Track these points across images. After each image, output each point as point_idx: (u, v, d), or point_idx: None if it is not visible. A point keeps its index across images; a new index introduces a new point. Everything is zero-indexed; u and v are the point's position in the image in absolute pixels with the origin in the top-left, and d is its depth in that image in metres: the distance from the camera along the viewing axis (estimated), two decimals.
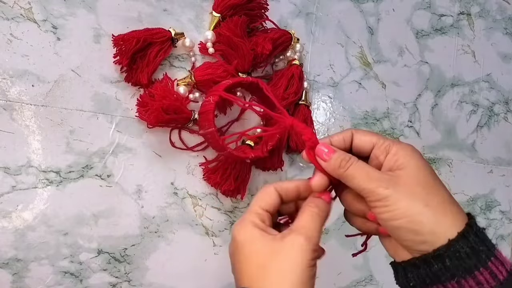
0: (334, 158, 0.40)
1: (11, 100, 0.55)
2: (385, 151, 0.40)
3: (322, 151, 0.41)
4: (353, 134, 0.43)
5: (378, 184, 0.37)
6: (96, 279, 0.60)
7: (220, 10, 0.63)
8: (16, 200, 0.56)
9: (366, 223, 0.43)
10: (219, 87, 0.58)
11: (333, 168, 0.40)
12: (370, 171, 0.39)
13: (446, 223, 0.37)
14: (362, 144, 0.42)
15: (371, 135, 0.42)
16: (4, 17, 0.55)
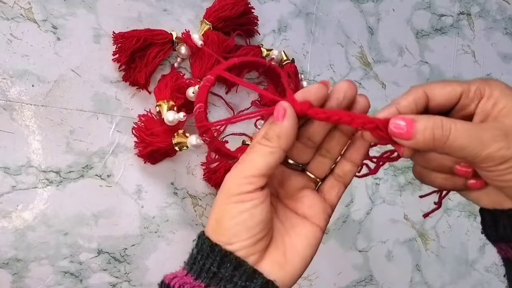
0: (421, 131, 0.30)
1: (11, 100, 0.55)
2: (477, 97, 0.33)
3: (399, 127, 0.30)
4: (426, 93, 0.33)
5: (498, 146, 0.30)
6: (96, 279, 0.60)
7: (211, 20, 0.63)
8: (16, 200, 0.56)
9: (451, 179, 0.36)
10: (223, 65, 0.56)
11: (425, 144, 0.30)
12: (479, 132, 0.30)
13: None
14: (444, 100, 0.33)
15: (453, 84, 0.33)
16: (4, 17, 0.55)
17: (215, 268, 0.32)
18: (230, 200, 0.32)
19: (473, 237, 0.88)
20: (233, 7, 0.62)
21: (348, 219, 0.76)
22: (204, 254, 0.33)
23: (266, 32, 0.69)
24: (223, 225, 0.32)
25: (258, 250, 0.33)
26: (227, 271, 0.32)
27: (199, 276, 0.33)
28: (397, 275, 0.80)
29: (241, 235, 0.32)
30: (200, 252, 0.33)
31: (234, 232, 0.32)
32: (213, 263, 0.32)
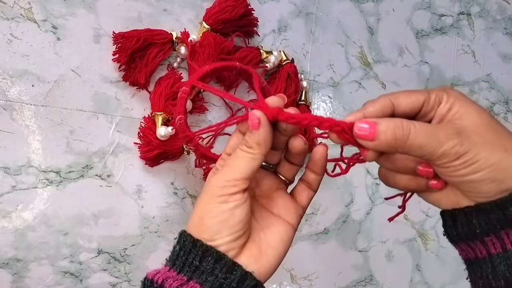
0: (383, 132, 0.32)
1: (11, 100, 0.55)
2: (436, 104, 0.35)
3: (363, 129, 0.33)
4: (392, 102, 0.35)
5: (452, 144, 0.32)
6: (96, 279, 0.60)
7: (211, 23, 0.62)
8: (16, 200, 0.56)
9: (414, 180, 0.38)
10: (195, 74, 0.56)
11: (387, 144, 0.32)
12: (435, 131, 0.32)
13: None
14: (409, 108, 0.35)
15: (416, 93, 0.35)
16: (4, 17, 0.55)
17: (197, 262, 0.34)
18: (214, 200, 0.35)
19: None
20: (233, 9, 0.62)
21: (348, 219, 0.76)
22: (186, 250, 0.35)
23: (266, 32, 0.69)
24: (206, 223, 0.35)
25: (238, 246, 0.35)
26: (209, 264, 0.34)
27: (182, 270, 0.35)
28: (397, 275, 0.80)
29: (222, 232, 0.34)
30: (183, 248, 0.35)
31: (216, 229, 0.34)
32: (195, 257, 0.34)
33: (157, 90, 0.61)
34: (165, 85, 0.60)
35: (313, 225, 0.74)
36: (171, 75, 0.62)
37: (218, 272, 0.34)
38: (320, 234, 0.74)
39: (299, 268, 0.73)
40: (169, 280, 0.34)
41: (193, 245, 0.35)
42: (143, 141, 0.60)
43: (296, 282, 0.73)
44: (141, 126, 0.61)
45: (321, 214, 0.74)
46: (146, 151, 0.60)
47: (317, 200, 0.74)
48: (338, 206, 0.76)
